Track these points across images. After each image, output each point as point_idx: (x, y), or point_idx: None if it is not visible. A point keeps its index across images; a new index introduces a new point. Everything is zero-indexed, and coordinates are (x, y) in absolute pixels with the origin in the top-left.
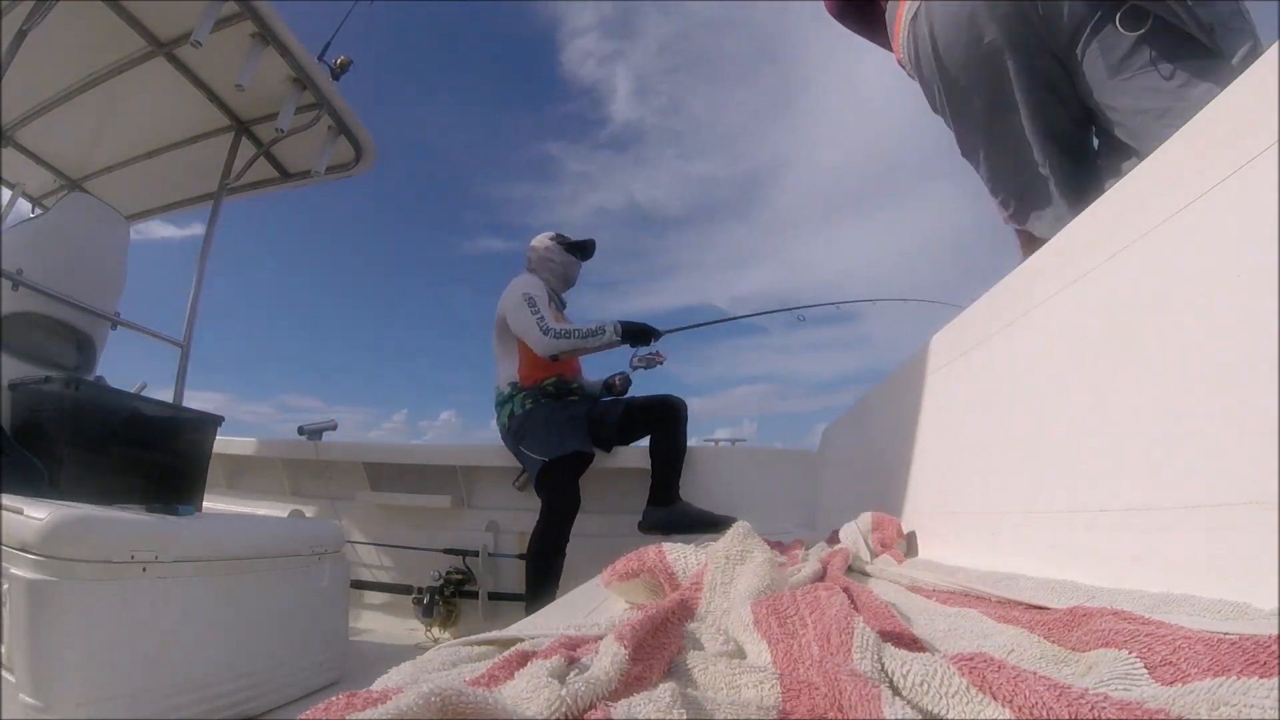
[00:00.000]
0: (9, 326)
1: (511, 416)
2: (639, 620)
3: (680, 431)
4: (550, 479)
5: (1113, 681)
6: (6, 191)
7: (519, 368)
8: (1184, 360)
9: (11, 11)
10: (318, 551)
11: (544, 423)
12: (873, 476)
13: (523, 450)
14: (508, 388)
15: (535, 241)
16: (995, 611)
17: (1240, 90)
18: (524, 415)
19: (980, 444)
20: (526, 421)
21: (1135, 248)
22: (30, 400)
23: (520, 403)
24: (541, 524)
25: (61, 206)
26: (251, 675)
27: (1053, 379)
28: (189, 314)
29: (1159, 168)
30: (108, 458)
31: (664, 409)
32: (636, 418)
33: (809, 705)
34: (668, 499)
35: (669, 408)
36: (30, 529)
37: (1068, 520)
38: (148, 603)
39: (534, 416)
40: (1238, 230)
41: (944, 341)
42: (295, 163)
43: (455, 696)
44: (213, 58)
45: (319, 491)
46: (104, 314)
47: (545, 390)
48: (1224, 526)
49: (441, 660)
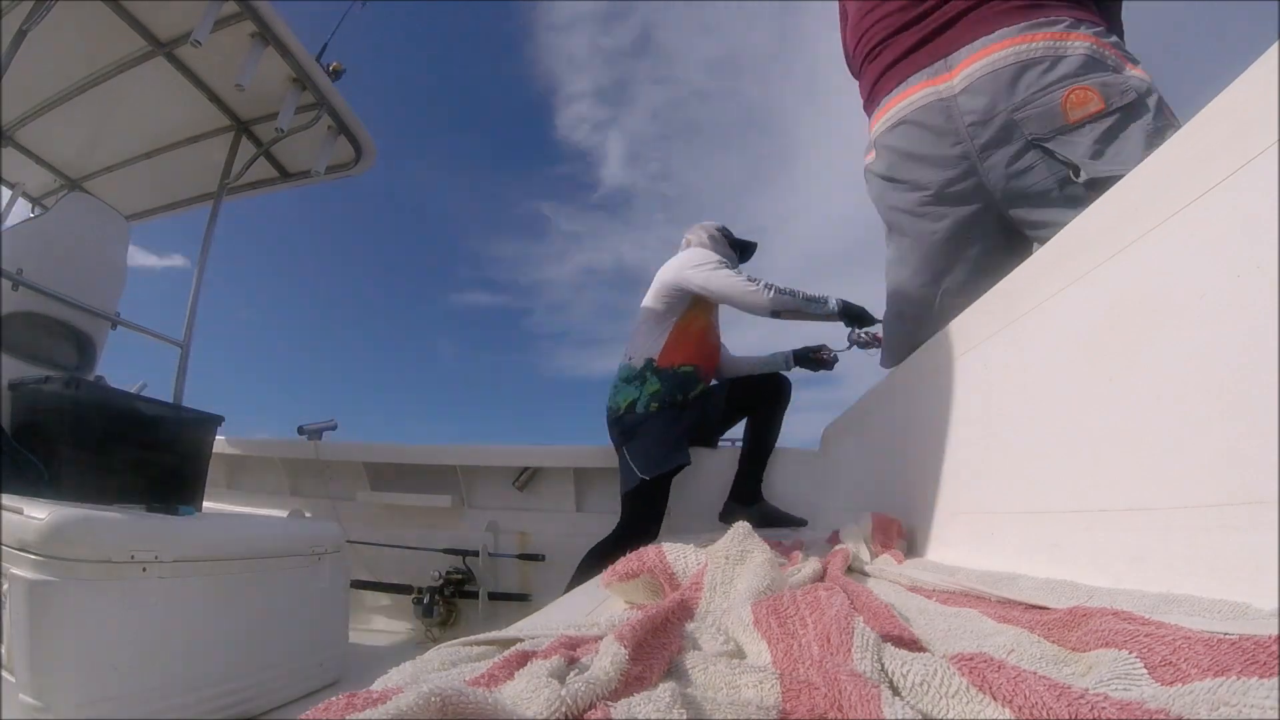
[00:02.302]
0: (9, 326)
1: (631, 409)
2: (639, 620)
3: (780, 415)
4: (644, 494)
5: (1113, 681)
6: (6, 191)
7: (663, 346)
8: (1184, 360)
9: (11, 11)
10: (318, 551)
11: (656, 434)
12: (873, 476)
13: (624, 451)
14: (642, 363)
15: (697, 228)
16: (995, 611)
17: (1240, 90)
18: (642, 416)
19: (980, 444)
20: (641, 425)
21: (1135, 247)
22: (30, 400)
23: (646, 401)
24: (615, 537)
25: (61, 206)
26: (251, 675)
27: (1053, 379)
28: (189, 314)
29: (1159, 168)
30: (108, 458)
31: (775, 384)
32: (743, 395)
33: (809, 705)
34: (752, 497)
35: (778, 384)
36: (30, 529)
37: (1068, 520)
38: (147, 603)
39: (650, 424)
40: (1238, 230)
41: (944, 342)
42: (295, 162)
43: (455, 696)
44: (213, 58)
45: (319, 491)
46: (104, 314)
47: (677, 378)
48: (1224, 526)
49: (441, 660)
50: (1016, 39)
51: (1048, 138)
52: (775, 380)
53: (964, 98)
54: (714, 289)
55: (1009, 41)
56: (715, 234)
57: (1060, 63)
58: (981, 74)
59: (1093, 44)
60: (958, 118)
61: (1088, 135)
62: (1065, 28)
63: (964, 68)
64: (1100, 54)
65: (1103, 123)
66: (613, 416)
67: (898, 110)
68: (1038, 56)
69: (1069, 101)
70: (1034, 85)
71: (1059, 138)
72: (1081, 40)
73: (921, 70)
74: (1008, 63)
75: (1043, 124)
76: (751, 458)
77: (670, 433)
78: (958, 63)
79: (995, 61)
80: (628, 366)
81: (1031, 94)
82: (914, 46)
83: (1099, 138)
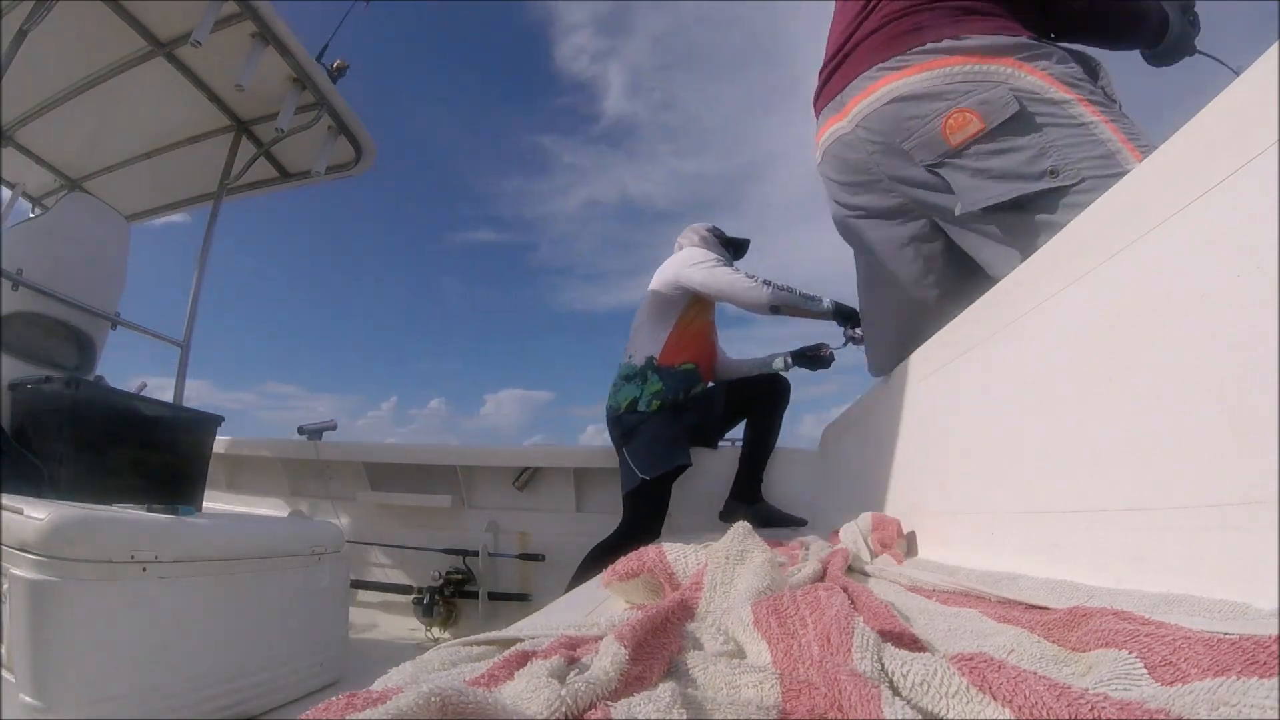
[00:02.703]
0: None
1: (632, 407)
2: (639, 620)
3: (780, 414)
4: (645, 494)
5: (1113, 681)
6: (6, 191)
7: (664, 345)
8: (1184, 360)
9: (11, 11)
10: (318, 551)
11: (655, 434)
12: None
13: (625, 452)
14: (643, 361)
15: (689, 230)
16: (995, 611)
17: (1240, 90)
18: (643, 415)
19: (980, 444)
20: (641, 424)
21: (1135, 247)
22: (30, 400)
23: (647, 399)
24: (616, 537)
25: (61, 206)
26: (251, 675)
27: (1053, 378)
28: (189, 314)
29: (1159, 168)
30: (108, 458)
31: (773, 385)
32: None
33: (809, 705)
34: (753, 496)
35: (777, 384)
36: (30, 529)
37: (1068, 520)
38: (148, 603)
39: (650, 424)
40: (1238, 230)
41: (944, 341)
42: (295, 163)
43: (455, 696)
44: (213, 58)
45: (319, 491)
46: (104, 314)
47: (678, 375)
48: (1224, 526)
49: (441, 660)
50: (890, 77)
51: (938, 164)
52: (774, 381)
53: (861, 133)
54: (714, 286)
55: (884, 81)
56: (707, 235)
57: (935, 90)
58: (866, 113)
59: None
60: (861, 152)
61: (971, 160)
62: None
63: (851, 107)
64: (980, 71)
65: (986, 143)
66: (613, 415)
67: (821, 144)
68: (912, 91)
69: (948, 126)
70: (914, 115)
71: (947, 163)
72: (957, 63)
73: (826, 106)
74: (885, 100)
75: (930, 151)
76: (751, 458)
77: (670, 433)
78: (847, 102)
79: (874, 101)
80: (629, 365)
81: (914, 126)
82: (825, 81)
83: (982, 157)
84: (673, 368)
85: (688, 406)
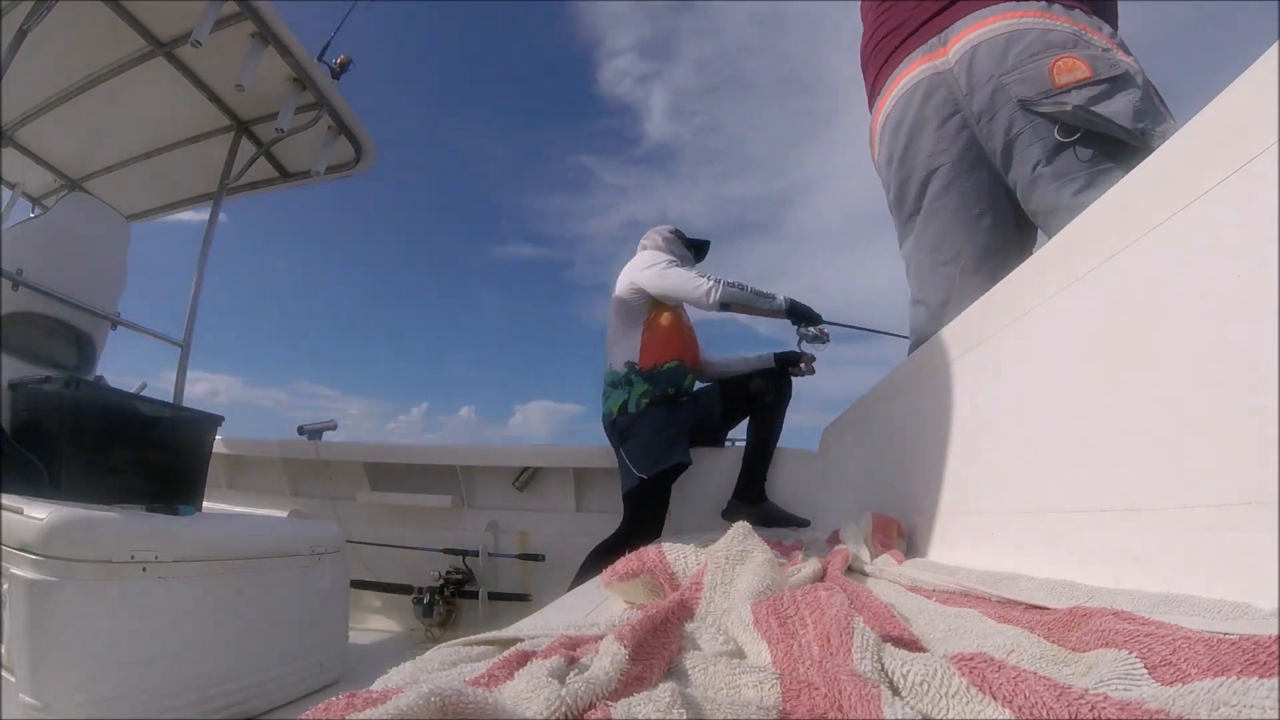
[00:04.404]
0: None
1: (622, 410)
2: (639, 620)
3: (783, 412)
4: (644, 494)
5: (1113, 681)
6: (6, 191)
7: (640, 348)
8: (1184, 360)
9: (11, 11)
10: (318, 551)
11: (649, 432)
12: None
13: (622, 453)
14: (624, 368)
15: (652, 232)
16: (995, 611)
17: (1240, 90)
18: (635, 416)
19: (980, 444)
20: (634, 424)
21: (1135, 248)
22: (30, 400)
23: (636, 399)
24: (616, 538)
25: (61, 206)
26: (251, 675)
27: (1053, 379)
28: (189, 314)
29: (1159, 168)
30: (108, 458)
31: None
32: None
33: (809, 705)
34: (756, 496)
35: (780, 381)
36: (30, 529)
37: (1068, 520)
38: (147, 603)
39: (643, 422)
40: (1238, 230)
41: (944, 341)
42: (295, 163)
43: (455, 696)
44: (213, 58)
45: (319, 491)
46: (104, 314)
47: (663, 376)
48: (1224, 526)
49: (441, 660)
50: (1006, 14)
51: (1036, 101)
52: (777, 377)
53: (958, 68)
54: (664, 287)
55: (1000, 16)
56: (669, 235)
57: (1049, 34)
58: (973, 45)
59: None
60: (955, 87)
61: (1073, 98)
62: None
63: (957, 41)
64: (1087, 37)
65: (1089, 89)
66: (608, 421)
67: (900, 89)
68: (1027, 28)
69: (1056, 68)
70: (1023, 53)
71: (1045, 100)
72: (1069, 23)
73: (918, 49)
74: (999, 33)
75: (1030, 87)
76: (754, 457)
77: (667, 430)
78: (951, 37)
79: (986, 33)
80: (612, 373)
81: (1020, 60)
82: (914, 31)
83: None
84: (657, 368)
85: (681, 401)
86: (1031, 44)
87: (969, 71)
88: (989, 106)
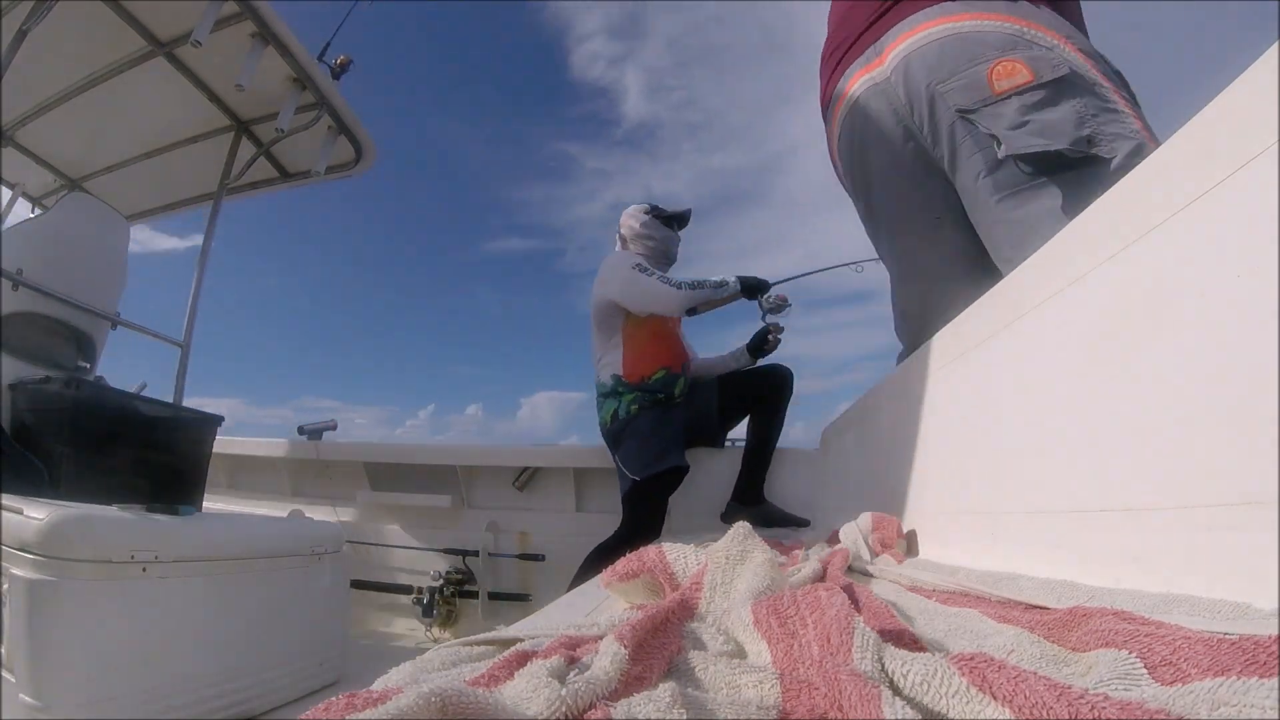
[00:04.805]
0: (9, 326)
1: (614, 417)
2: (639, 620)
3: (784, 408)
4: (640, 496)
5: (1113, 681)
6: (6, 191)
7: (623, 361)
8: (1184, 360)
9: (11, 11)
10: (318, 551)
11: (643, 435)
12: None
13: (617, 458)
14: (611, 380)
15: (626, 217)
16: (995, 611)
17: (1240, 90)
18: (626, 420)
19: (980, 444)
20: (627, 428)
21: (1135, 248)
22: (30, 400)
23: (626, 405)
24: (614, 540)
25: (61, 206)
26: (251, 675)
27: (1053, 379)
28: (189, 314)
29: (1159, 168)
30: (108, 458)
31: (773, 378)
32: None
33: (809, 705)
34: (755, 498)
35: (778, 377)
36: (30, 529)
37: (1068, 520)
38: (147, 603)
39: (635, 425)
40: (1237, 230)
41: (944, 341)
42: (295, 163)
43: (455, 696)
44: (213, 58)
45: (319, 491)
46: (104, 314)
47: (652, 387)
48: (1224, 526)
49: (441, 660)
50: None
51: (972, 109)
52: (777, 373)
53: (895, 78)
54: (630, 302)
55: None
56: (646, 219)
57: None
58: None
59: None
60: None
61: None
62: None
63: (891, 50)
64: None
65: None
66: (603, 430)
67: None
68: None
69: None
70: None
71: (984, 109)
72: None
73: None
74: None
75: (968, 95)
76: (754, 458)
77: (660, 434)
78: (885, 47)
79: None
80: (600, 384)
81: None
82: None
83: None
84: (643, 380)
85: (675, 405)
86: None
87: (905, 83)
88: (929, 116)
